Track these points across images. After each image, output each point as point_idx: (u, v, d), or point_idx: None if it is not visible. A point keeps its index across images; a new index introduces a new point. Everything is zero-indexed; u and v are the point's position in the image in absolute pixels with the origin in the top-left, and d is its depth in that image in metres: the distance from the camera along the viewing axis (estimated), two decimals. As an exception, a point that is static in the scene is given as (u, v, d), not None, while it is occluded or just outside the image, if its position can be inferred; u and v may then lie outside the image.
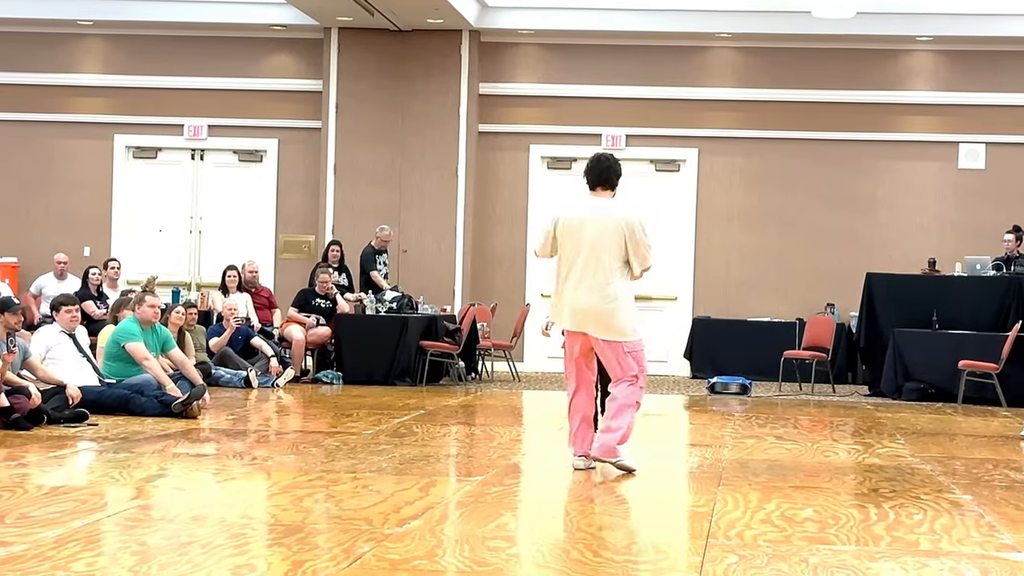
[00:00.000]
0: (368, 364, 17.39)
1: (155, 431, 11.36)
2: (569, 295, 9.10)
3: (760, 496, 8.40)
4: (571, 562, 6.37)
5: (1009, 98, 20.10)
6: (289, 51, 20.97)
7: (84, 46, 21.23)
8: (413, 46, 20.32)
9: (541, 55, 20.86)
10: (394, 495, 8.09)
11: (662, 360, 20.51)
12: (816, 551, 6.65)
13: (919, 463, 10.43)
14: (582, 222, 9.13)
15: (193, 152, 21.20)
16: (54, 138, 21.19)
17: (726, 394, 17.30)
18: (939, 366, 16.89)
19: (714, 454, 10.75)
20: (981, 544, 7.03)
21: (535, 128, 20.76)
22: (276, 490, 8.38)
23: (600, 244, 9.06)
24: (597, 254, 9.05)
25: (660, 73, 20.52)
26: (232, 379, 16.27)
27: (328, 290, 18.13)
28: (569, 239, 9.12)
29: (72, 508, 7.38)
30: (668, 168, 20.75)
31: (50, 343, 12.85)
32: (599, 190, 9.26)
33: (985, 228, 19.75)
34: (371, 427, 12.05)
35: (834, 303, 19.87)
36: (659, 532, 7.49)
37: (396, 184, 20.33)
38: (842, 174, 20.37)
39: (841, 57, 20.33)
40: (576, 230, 9.11)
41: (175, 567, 5.90)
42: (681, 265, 20.56)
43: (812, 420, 14.21)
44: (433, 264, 20.33)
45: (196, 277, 20.89)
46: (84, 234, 20.95)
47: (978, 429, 13.50)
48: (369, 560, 6.16)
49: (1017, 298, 17.29)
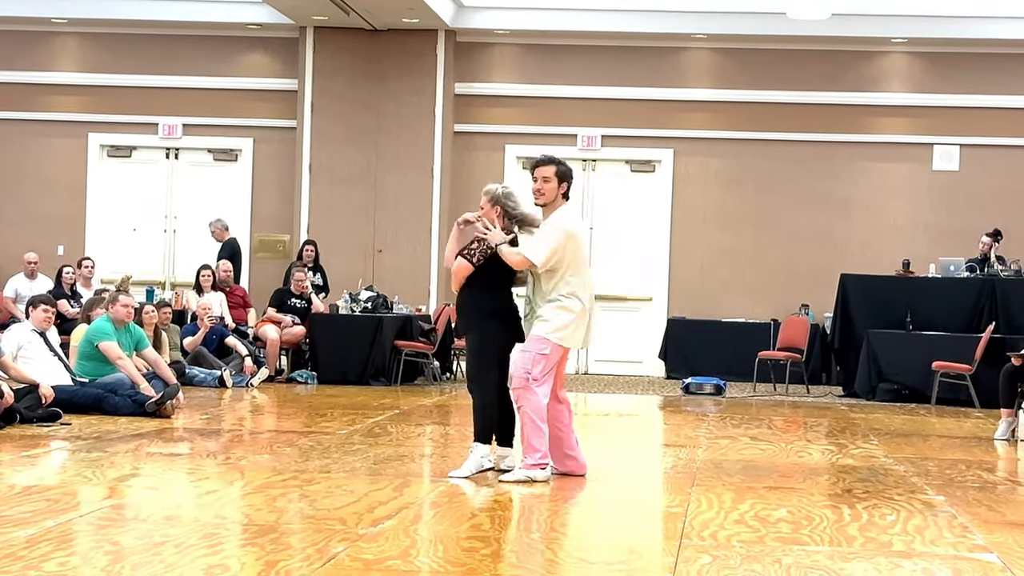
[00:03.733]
0: (343, 364, 17.37)
1: (128, 430, 11.32)
2: (589, 316, 8.99)
3: (734, 497, 8.41)
4: (545, 562, 6.38)
5: (983, 100, 20.17)
6: (264, 50, 20.94)
7: (59, 44, 21.16)
8: (389, 46, 20.30)
9: (517, 55, 20.86)
10: (368, 495, 8.08)
11: (637, 360, 20.55)
12: (789, 552, 6.66)
13: (892, 464, 10.46)
14: (583, 237, 9.07)
15: (168, 151, 21.15)
16: (28, 136, 21.11)
17: (700, 395, 17.33)
18: (913, 367, 16.93)
19: (688, 454, 10.76)
20: (954, 545, 7.05)
21: (510, 128, 20.76)
22: (250, 490, 8.36)
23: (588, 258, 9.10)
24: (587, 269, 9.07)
25: (636, 74, 20.54)
26: (206, 378, 16.23)
27: (304, 289, 18.11)
28: (580, 254, 8.97)
29: (44, 508, 7.35)
30: (643, 169, 20.77)
31: (21, 341, 12.79)
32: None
33: (959, 229, 19.82)
34: (345, 427, 12.04)
35: (808, 304, 19.92)
36: (633, 533, 7.49)
37: (371, 184, 20.31)
38: (817, 175, 20.42)
39: (816, 58, 20.38)
40: (582, 246, 9.03)
41: (148, 567, 5.89)
42: (656, 266, 20.58)
43: (786, 421, 14.24)
44: (408, 264, 20.30)
45: (170, 276, 20.84)
46: (58, 233, 20.87)
47: (951, 430, 13.54)
48: (343, 560, 6.15)
49: (990, 299, 17.35)
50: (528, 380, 8.75)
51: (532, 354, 8.81)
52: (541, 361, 8.79)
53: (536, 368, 8.77)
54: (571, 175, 9.12)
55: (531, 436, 8.78)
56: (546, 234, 8.87)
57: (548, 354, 8.82)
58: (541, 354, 8.80)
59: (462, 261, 8.91)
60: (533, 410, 8.75)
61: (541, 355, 8.80)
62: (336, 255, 19.84)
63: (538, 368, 8.77)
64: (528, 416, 8.76)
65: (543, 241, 8.83)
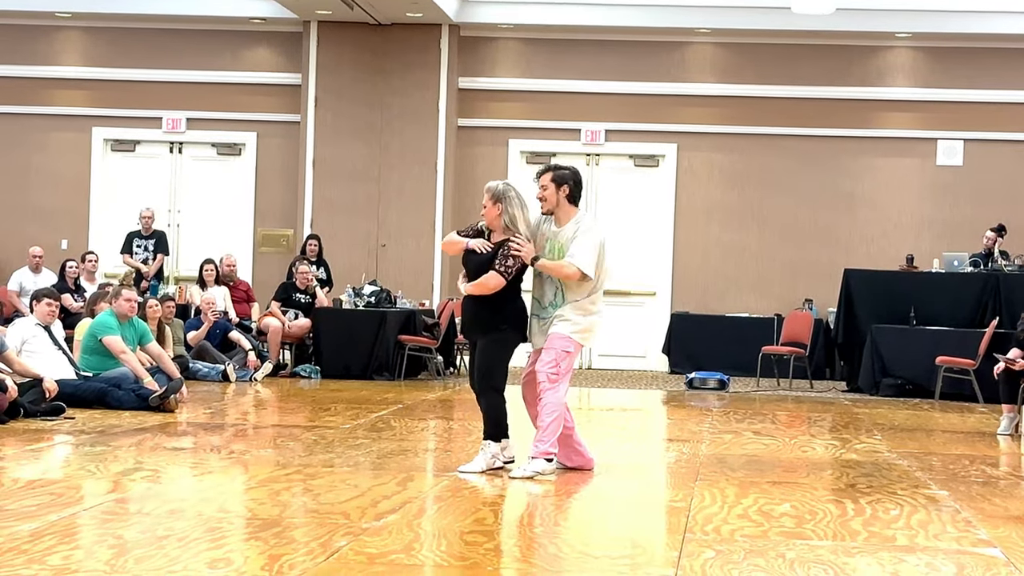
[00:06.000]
0: (346, 358, 17.38)
1: (132, 425, 11.33)
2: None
3: (737, 491, 8.41)
4: (548, 557, 6.38)
5: (987, 95, 20.15)
6: (268, 44, 20.93)
7: (63, 38, 21.16)
8: (392, 40, 20.29)
9: (520, 50, 20.85)
10: (371, 489, 8.08)
11: (640, 355, 20.56)
12: (793, 546, 6.66)
13: (896, 459, 10.45)
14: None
15: (172, 145, 21.15)
16: (32, 131, 21.11)
17: (704, 389, 17.32)
18: (917, 362, 16.92)
19: (692, 449, 10.76)
20: (957, 539, 7.05)
21: (514, 123, 20.75)
22: (253, 484, 8.37)
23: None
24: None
25: (640, 68, 20.52)
26: (210, 373, 16.24)
27: (308, 283, 18.10)
28: (605, 260, 9.16)
29: (48, 501, 7.36)
30: (647, 163, 20.76)
31: (26, 335, 12.79)
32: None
33: (963, 225, 19.81)
34: (349, 421, 12.04)
35: (812, 299, 19.89)
36: (637, 527, 7.49)
37: (375, 178, 20.30)
38: (821, 170, 20.40)
39: (820, 53, 20.36)
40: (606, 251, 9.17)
41: (151, 561, 5.89)
42: (659, 261, 20.58)
43: (790, 416, 14.24)
44: (412, 258, 20.30)
45: (174, 271, 20.83)
46: (62, 227, 20.88)
47: (955, 425, 13.53)
48: (346, 554, 6.15)
49: (994, 294, 17.34)
50: (553, 376, 8.90)
51: (557, 351, 8.96)
52: (565, 358, 8.97)
53: (562, 365, 8.94)
54: (571, 178, 9.13)
55: (547, 428, 8.89)
56: (588, 244, 9.01)
57: (572, 352, 9.01)
58: (566, 351, 8.96)
59: (498, 278, 8.96)
60: (555, 404, 8.88)
61: (566, 352, 8.96)
62: (340, 250, 19.83)
63: (563, 365, 8.95)
64: (548, 410, 8.84)
65: (587, 251, 8.98)
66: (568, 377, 9.03)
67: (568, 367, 9.01)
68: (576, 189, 9.12)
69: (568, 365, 9.00)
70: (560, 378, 8.92)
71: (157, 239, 19.52)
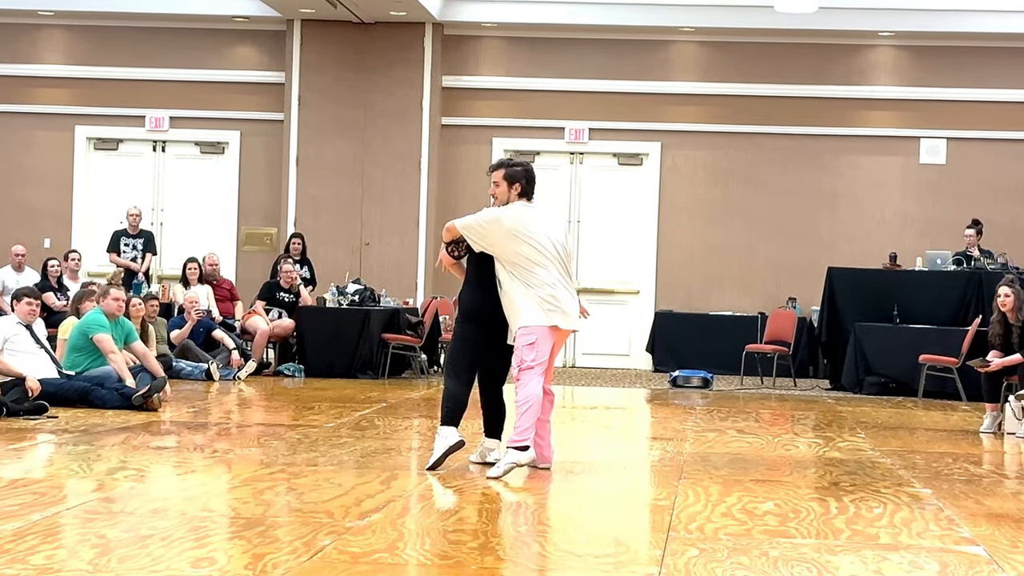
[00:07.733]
0: (330, 357, 17.36)
1: (115, 424, 11.31)
2: (568, 297, 9.02)
3: (721, 489, 8.41)
4: (532, 555, 6.38)
5: (970, 93, 20.19)
6: (251, 43, 20.90)
7: (45, 36, 21.11)
8: (376, 38, 20.28)
9: (504, 48, 20.85)
10: (355, 488, 8.08)
11: (624, 354, 20.58)
12: (776, 544, 6.67)
13: (879, 457, 10.47)
14: (524, 226, 9.02)
15: (155, 144, 21.12)
16: (14, 129, 21.06)
17: (688, 388, 17.34)
18: (900, 360, 16.94)
19: (675, 447, 10.77)
20: (940, 538, 7.06)
21: (498, 121, 20.75)
22: (237, 483, 8.36)
23: (562, 251, 9.07)
24: (563, 260, 9.06)
25: (623, 67, 20.54)
26: (193, 372, 16.22)
27: (292, 281, 18.08)
28: (514, 241, 8.94)
29: (31, 501, 7.34)
30: (631, 162, 20.77)
31: (7, 334, 12.75)
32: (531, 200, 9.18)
33: (946, 223, 19.84)
34: (333, 420, 12.03)
35: (796, 297, 19.93)
36: (620, 525, 7.50)
37: (358, 177, 20.29)
38: (804, 169, 20.44)
39: (803, 52, 20.39)
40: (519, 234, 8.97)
41: (135, 560, 5.88)
42: (643, 259, 20.60)
43: (773, 414, 14.26)
44: (395, 257, 20.30)
45: (157, 269, 20.78)
46: (44, 226, 20.83)
47: (938, 423, 13.56)
48: (330, 553, 6.15)
49: (977, 293, 17.36)
50: (522, 371, 8.85)
51: (520, 346, 8.90)
52: (530, 352, 8.84)
53: (526, 358, 8.83)
54: (524, 176, 9.05)
55: (519, 420, 8.86)
56: (480, 213, 9.07)
57: (535, 342, 8.85)
58: (527, 345, 8.86)
59: (451, 225, 9.16)
60: (524, 396, 8.83)
61: (528, 346, 8.86)
62: (323, 248, 19.82)
63: (528, 357, 8.83)
64: (520, 402, 8.84)
65: (472, 216, 9.05)
66: (540, 367, 8.88)
67: (537, 357, 8.84)
68: (529, 186, 9.07)
69: (536, 356, 8.84)
70: (527, 371, 8.82)
71: (145, 238, 19.49)
